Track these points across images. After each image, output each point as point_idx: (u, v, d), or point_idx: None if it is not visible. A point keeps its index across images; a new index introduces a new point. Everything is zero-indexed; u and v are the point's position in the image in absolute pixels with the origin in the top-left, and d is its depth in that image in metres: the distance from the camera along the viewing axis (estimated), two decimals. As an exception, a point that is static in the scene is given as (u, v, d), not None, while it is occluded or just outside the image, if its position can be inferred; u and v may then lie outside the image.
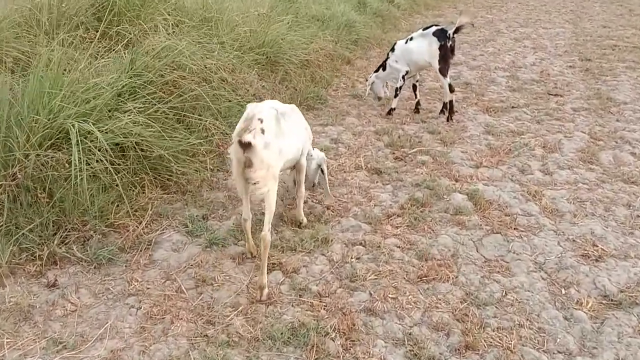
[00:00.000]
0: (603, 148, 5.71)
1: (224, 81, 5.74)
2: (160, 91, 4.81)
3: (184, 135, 4.73)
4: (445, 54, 6.14)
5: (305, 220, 4.10)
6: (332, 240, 3.91)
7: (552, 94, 7.65)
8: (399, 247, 3.90)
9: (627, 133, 6.09)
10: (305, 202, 4.22)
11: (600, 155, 5.50)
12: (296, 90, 7.09)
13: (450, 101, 6.43)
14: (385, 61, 6.80)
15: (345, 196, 4.63)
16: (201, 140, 4.84)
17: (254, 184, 3.08)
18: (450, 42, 6.13)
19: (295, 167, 3.85)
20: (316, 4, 10.79)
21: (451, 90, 6.34)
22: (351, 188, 4.77)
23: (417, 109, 6.86)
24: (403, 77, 6.56)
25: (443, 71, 6.22)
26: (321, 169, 4.17)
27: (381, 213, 4.34)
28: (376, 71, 6.99)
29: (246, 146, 2.95)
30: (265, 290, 3.26)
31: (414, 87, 6.93)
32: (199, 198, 4.45)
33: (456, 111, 6.63)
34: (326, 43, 8.75)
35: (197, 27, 6.40)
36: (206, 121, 5.04)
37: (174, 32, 5.81)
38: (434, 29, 6.25)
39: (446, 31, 6.16)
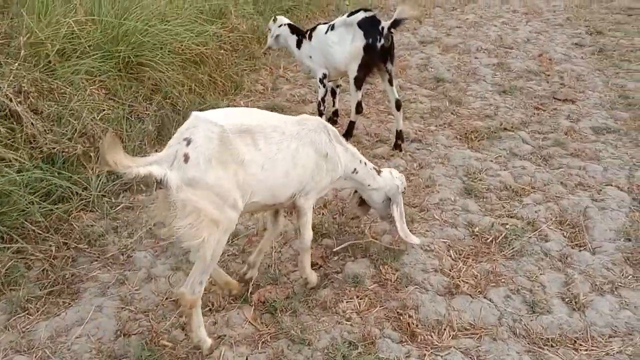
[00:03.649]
0: (658, 224, 3.43)
1: None
2: None
3: None
4: (371, 60, 3.93)
5: (314, 278, 2.88)
6: None
7: (559, 99, 5.27)
8: None
9: (689, 185, 3.81)
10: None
11: (659, 246, 3.23)
12: (174, 107, 4.57)
13: (353, 122, 4.35)
14: (307, 33, 4.47)
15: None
16: None
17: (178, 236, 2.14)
18: (384, 41, 3.85)
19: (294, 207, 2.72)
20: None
21: (358, 110, 4.20)
22: (208, 371, 2.43)
23: (334, 121, 4.75)
24: (322, 81, 4.32)
25: (358, 82, 4.03)
26: (393, 202, 3.03)
27: None
28: (294, 31, 4.58)
29: (158, 182, 2.04)
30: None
31: (333, 92, 4.75)
32: None
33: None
34: (240, 20, 6.13)
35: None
36: None
37: None
38: (360, 15, 3.93)
39: (379, 22, 3.88)
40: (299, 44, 4.50)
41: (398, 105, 4.17)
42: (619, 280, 2.96)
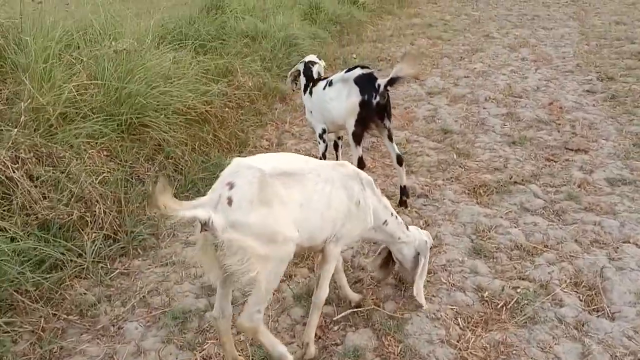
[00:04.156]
0: (681, 285, 3.20)
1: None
2: None
3: None
4: (367, 116, 3.87)
5: (312, 350, 2.72)
6: None
7: (571, 149, 5.13)
8: None
9: None
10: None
11: (683, 310, 3.00)
12: (177, 167, 4.53)
13: None
14: (310, 84, 4.37)
15: None
16: None
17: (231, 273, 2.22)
18: (379, 99, 3.80)
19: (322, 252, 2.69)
20: (249, 14, 8.23)
21: (360, 166, 3.99)
22: None
23: None
24: (321, 136, 4.28)
25: (357, 138, 3.95)
26: (422, 256, 3.01)
27: None
28: (306, 72, 4.44)
29: (203, 224, 2.09)
30: None
31: (336, 145, 4.61)
32: None
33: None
34: (247, 77, 6.18)
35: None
36: None
37: None
38: (357, 72, 3.90)
39: (375, 79, 3.84)
40: (305, 89, 4.47)
41: (400, 161, 4.08)
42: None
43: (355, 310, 3.07)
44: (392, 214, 2.92)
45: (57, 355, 2.81)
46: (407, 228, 3.02)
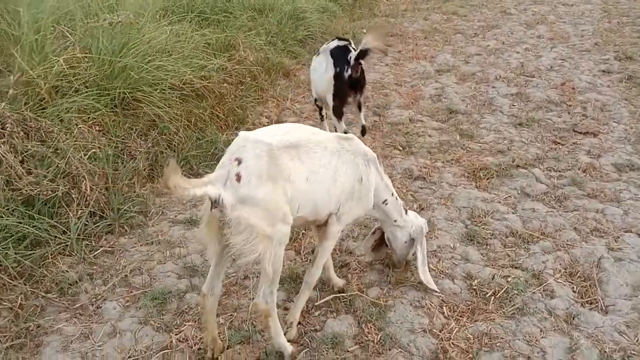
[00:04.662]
0: (682, 279, 3.05)
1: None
2: None
3: None
4: (341, 89, 3.87)
5: (295, 331, 2.71)
6: None
7: (580, 132, 4.92)
8: None
9: None
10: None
11: (682, 306, 2.86)
12: (170, 144, 4.45)
13: None
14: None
15: None
16: None
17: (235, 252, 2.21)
18: (352, 72, 3.79)
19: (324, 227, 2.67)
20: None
21: None
22: None
23: None
24: (316, 103, 4.42)
25: (337, 112, 3.96)
26: (417, 244, 2.94)
27: None
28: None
29: (213, 201, 2.11)
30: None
31: None
32: None
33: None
34: (249, 51, 6.04)
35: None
36: None
37: None
38: (334, 44, 3.94)
39: (349, 51, 3.82)
40: None
41: (363, 132, 4.18)
42: (631, 347, 2.61)
43: (338, 295, 2.99)
44: (392, 194, 2.88)
45: (34, 333, 2.78)
46: (406, 212, 2.96)
